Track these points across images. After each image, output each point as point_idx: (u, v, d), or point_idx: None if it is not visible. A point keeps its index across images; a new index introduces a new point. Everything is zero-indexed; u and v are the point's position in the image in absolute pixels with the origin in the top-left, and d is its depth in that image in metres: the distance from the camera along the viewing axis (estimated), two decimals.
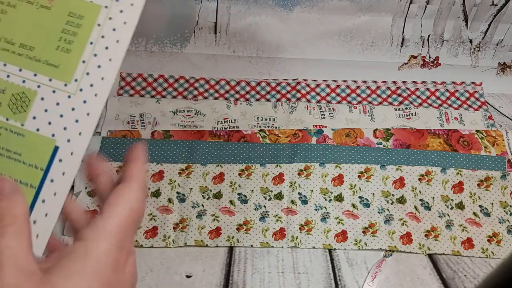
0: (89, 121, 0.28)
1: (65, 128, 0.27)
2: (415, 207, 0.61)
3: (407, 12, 0.77)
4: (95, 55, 0.28)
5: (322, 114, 0.73)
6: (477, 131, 0.71)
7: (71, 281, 0.22)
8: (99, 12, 0.29)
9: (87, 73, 0.28)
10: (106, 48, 0.28)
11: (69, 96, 0.28)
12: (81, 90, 0.28)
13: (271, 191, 0.61)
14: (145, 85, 0.76)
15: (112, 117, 0.70)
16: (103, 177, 0.30)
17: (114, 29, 0.29)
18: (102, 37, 0.28)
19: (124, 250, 0.26)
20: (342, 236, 0.57)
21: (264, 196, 0.60)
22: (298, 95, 0.77)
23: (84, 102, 0.28)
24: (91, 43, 0.28)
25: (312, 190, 0.61)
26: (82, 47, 0.28)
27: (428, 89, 0.81)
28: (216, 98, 0.76)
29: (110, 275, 0.24)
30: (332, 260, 0.55)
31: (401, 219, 0.60)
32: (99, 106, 0.28)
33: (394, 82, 0.82)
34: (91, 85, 0.28)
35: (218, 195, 0.60)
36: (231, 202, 0.60)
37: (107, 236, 0.25)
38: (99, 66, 0.28)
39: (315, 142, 0.67)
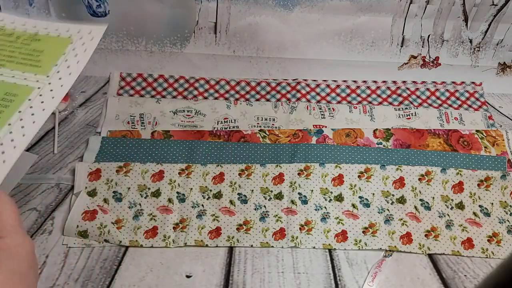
0: (3, 168, 0.32)
1: None
2: (415, 207, 0.61)
3: (407, 12, 0.77)
4: (21, 119, 0.34)
5: (322, 114, 0.73)
6: (477, 131, 0.71)
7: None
8: (32, 92, 0.36)
9: (10, 132, 0.34)
10: (32, 114, 0.35)
11: None
12: (1, 144, 0.33)
13: (271, 191, 0.61)
14: (145, 85, 0.76)
15: (112, 117, 0.70)
16: None
17: (42, 102, 0.36)
18: (31, 107, 0.35)
19: (28, 237, 0.30)
20: (342, 236, 0.57)
21: (264, 196, 0.60)
22: (298, 95, 0.77)
23: (2, 153, 0.33)
24: (20, 111, 0.35)
25: (312, 190, 0.61)
26: (10, 115, 0.34)
27: (428, 89, 0.81)
28: (216, 98, 0.76)
29: (32, 258, 0.29)
30: (332, 260, 0.55)
31: (401, 219, 0.60)
32: (15, 156, 0.33)
33: (394, 82, 0.82)
34: (12, 140, 0.33)
35: (218, 195, 0.60)
36: (231, 202, 0.60)
37: (14, 231, 0.29)
38: (22, 127, 0.34)
39: (315, 142, 0.67)
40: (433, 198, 0.61)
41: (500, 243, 0.58)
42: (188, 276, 0.51)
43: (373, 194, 0.61)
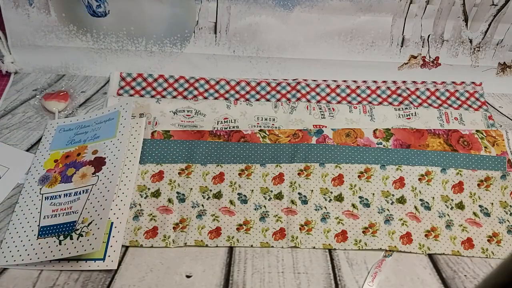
0: None
1: None
2: (415, 207, 0.61)
3: (407, 12, 0.77)
4: None
5: (322, 114, 0.73)
6: (477, 131, 0.71)
7: None
8: None
9: None
10: None
11: None
12: None
13: (271, 191, 0.61)
14: (145, 85, 0.76)
15: None
16: None
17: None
18: None
19: None
20: (342, 236, 0.57)
21: (264, 196, 0.60)
22: (298, 95, 0.77)
23: None
24: None
25: (312, 190, 0.61)
26: None
27: (428, 89, 0.81)
28: (216, 98, 0.76)
29: None
30: (332, 260, 0.55)
31: (401, 219, 0.60)
32: None
33: (394, 82, 0.82)
34: None
35: (218, 195, 0.60)
36: (231, 202, 0.60)
37: None
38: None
39: (315, 142, 0.67)
40: (433, 198, 0.61)
41: (500, 243, 0.58)
42: (188, 276, 0.51)
43: (373, 194, 0.61)
